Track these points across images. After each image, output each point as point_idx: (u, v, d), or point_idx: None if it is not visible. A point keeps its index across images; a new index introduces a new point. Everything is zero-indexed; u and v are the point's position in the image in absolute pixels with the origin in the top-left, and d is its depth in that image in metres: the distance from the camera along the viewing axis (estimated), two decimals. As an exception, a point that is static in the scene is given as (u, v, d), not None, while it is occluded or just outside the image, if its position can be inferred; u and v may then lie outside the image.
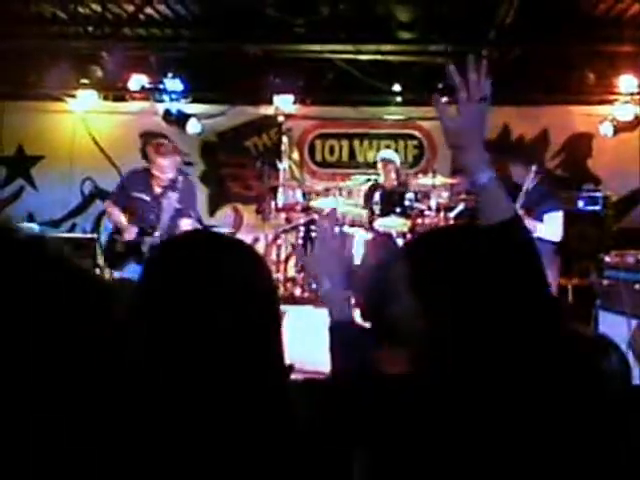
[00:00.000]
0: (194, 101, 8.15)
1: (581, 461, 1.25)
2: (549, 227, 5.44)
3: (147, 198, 5.43)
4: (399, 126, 8.45)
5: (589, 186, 7.60)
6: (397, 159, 7.22)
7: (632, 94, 7.38)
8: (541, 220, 5.42)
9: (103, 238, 5.81)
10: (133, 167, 5.90)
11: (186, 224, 5.41)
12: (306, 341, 3.80)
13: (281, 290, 6.96)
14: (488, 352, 1.32)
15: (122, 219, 5.43)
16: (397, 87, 7.78)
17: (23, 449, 0.92)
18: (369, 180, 7.32)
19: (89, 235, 7.63)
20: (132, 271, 5.15)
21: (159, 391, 1.07)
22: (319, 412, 1.31)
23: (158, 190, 5.44)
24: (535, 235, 4.98)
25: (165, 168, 5.38)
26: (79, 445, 0.96)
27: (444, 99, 1.60)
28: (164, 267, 1.17)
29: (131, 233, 5.35)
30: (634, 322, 4.54)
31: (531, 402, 1.28)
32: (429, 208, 6.73)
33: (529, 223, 5.11)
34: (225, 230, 5.71)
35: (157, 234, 5.27)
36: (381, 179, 7.11)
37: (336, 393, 1.49)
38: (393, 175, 7.05)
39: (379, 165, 7.16)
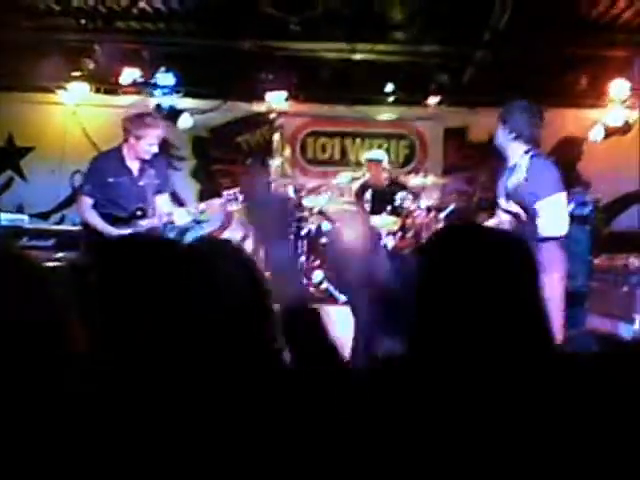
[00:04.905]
0: (186, 96, 8.11)
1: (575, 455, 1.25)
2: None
3: (124, 181, 5.01)
4: (391, 126, 8.45)
5: (579, 189, 7.62)
6: (385, 159, 7.21)
7: (624, 99, 7.41)
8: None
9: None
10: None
11: (162, 200, 5.13)
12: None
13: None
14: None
15: (101, 224, 4.96)
16: (390, 87, 7.78)
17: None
18: (354, 178, 7.31)
19: (78, 227, 7.56)
20: None
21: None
22: None
23: (135, 169, 5.04)
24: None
25: (157, 139, 4.97)
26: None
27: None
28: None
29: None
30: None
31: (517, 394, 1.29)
32: (419, 208, 6.73)
33: None
34: (215, 226, 5.60)
35: (150, 216, 4.92)
36: (368, 178, 7.11)
37: None
38: (383, 175, 7.05)
39: (365, 166, 7.17)
